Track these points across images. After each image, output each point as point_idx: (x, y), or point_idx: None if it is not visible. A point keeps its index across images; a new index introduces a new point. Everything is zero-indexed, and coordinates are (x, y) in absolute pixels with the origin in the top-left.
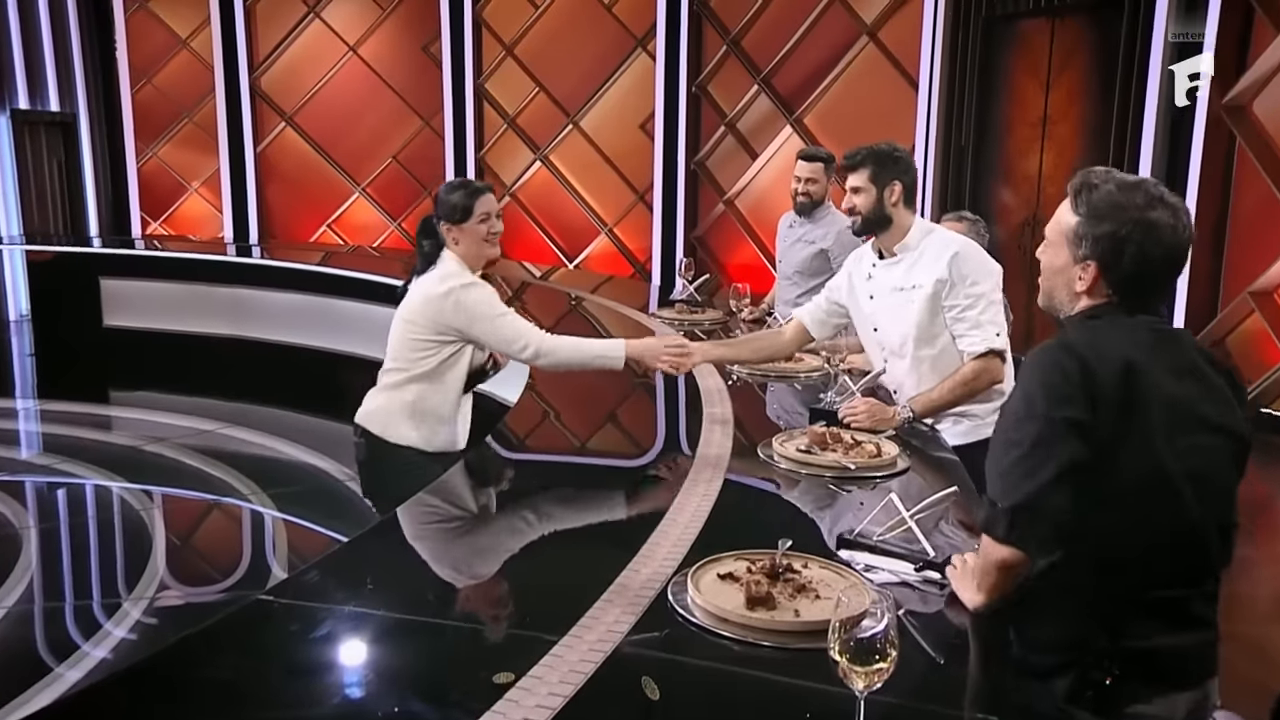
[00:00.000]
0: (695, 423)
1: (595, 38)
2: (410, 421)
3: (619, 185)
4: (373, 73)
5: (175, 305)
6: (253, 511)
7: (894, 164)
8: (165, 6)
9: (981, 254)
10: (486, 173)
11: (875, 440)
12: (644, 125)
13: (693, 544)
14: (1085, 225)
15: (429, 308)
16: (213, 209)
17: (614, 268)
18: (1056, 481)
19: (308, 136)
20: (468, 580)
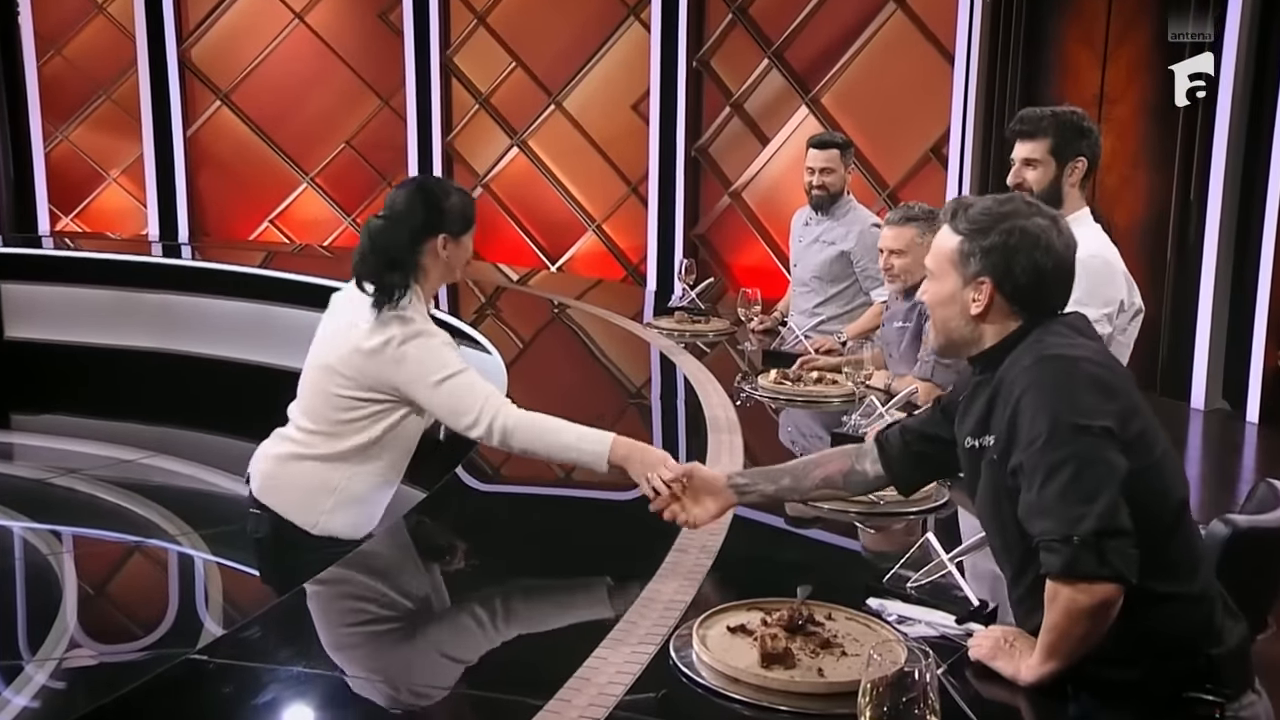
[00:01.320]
0: (698, 448)
1: (581, 5)
2: (336, 510)
3: (608, 175)
4: (323, 44)
5: (90, 314)
6: (181, 555)
7: (1082, 136)
8: None
9: (1109, 272)
10: (455, 160)
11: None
12: (637, 106)
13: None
14: (969, 242)
15: (357, 361)
16: (135, 202)
17: (603, 270)
18: (1119, 493)
19: (247, 118)
20: (436, 632)
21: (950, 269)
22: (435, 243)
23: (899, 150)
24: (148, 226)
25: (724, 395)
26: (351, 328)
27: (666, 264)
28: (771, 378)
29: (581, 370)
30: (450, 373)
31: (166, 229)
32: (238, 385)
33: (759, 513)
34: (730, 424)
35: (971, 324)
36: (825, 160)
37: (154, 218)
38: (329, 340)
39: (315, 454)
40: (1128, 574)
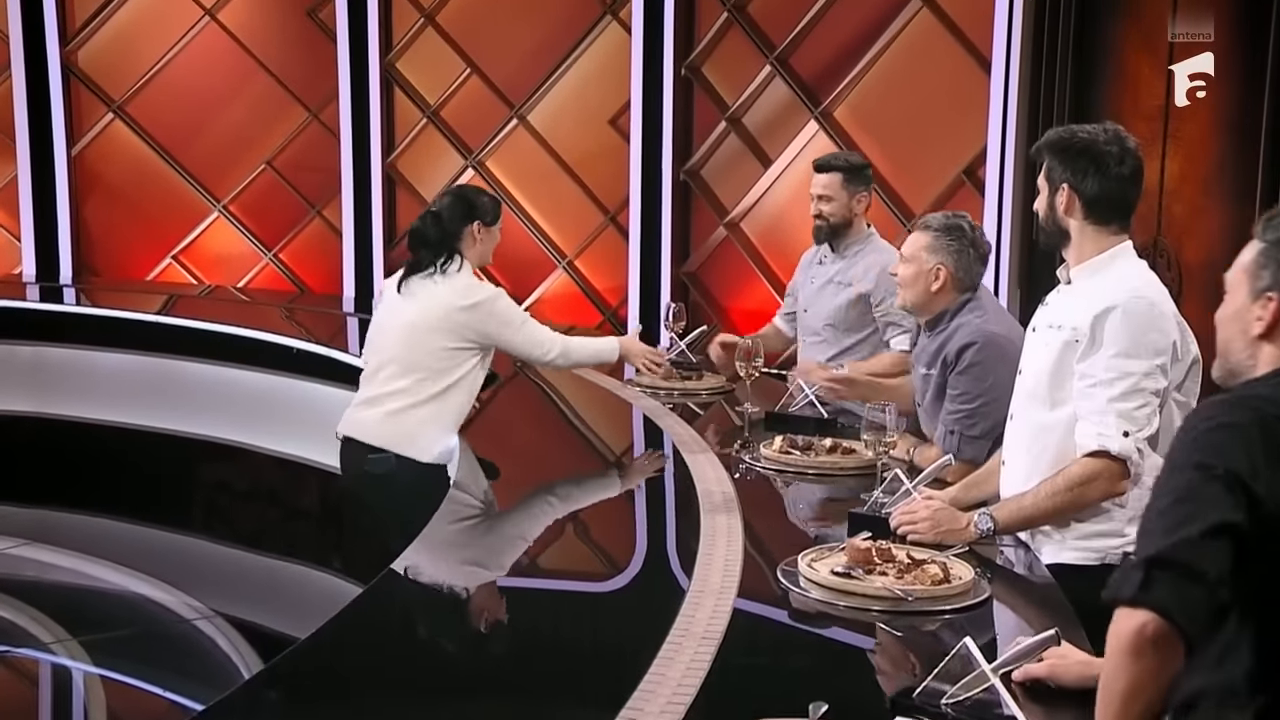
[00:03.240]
0: (688, 529)
1: (549, 1)
2: (449, 434)
3: (581, 202)
4: (238, 46)
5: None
6: (56, 666)
7: (1078, 157)
8: None
9: (1154, 314)
10: (398, 184)
11: (941, 559)
12: (616, 120)
13: (688, 708)
14: (1270, 251)
15: (459, 318)
16: (7, 234)
17: (575, 315)
18: (1211, 536)
19: (145, 133)
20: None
21: (1241, 283)
22: (478, 225)
23: (927, 172)
24: (22, 264)
25: (720, 467)
26: (435, 300)
27: (650, 307)
28: (777, 446)
29: (549, 433)
30: (525, 319)
31: (46, 267)
32: (130, 456)
33: (762, 606)
34: (727, 501)
35: (1251, 348)
36: (825, 186)
37: (29, 254)
38: (420, 315)
39: (424, 398)
40: (1174, 611)
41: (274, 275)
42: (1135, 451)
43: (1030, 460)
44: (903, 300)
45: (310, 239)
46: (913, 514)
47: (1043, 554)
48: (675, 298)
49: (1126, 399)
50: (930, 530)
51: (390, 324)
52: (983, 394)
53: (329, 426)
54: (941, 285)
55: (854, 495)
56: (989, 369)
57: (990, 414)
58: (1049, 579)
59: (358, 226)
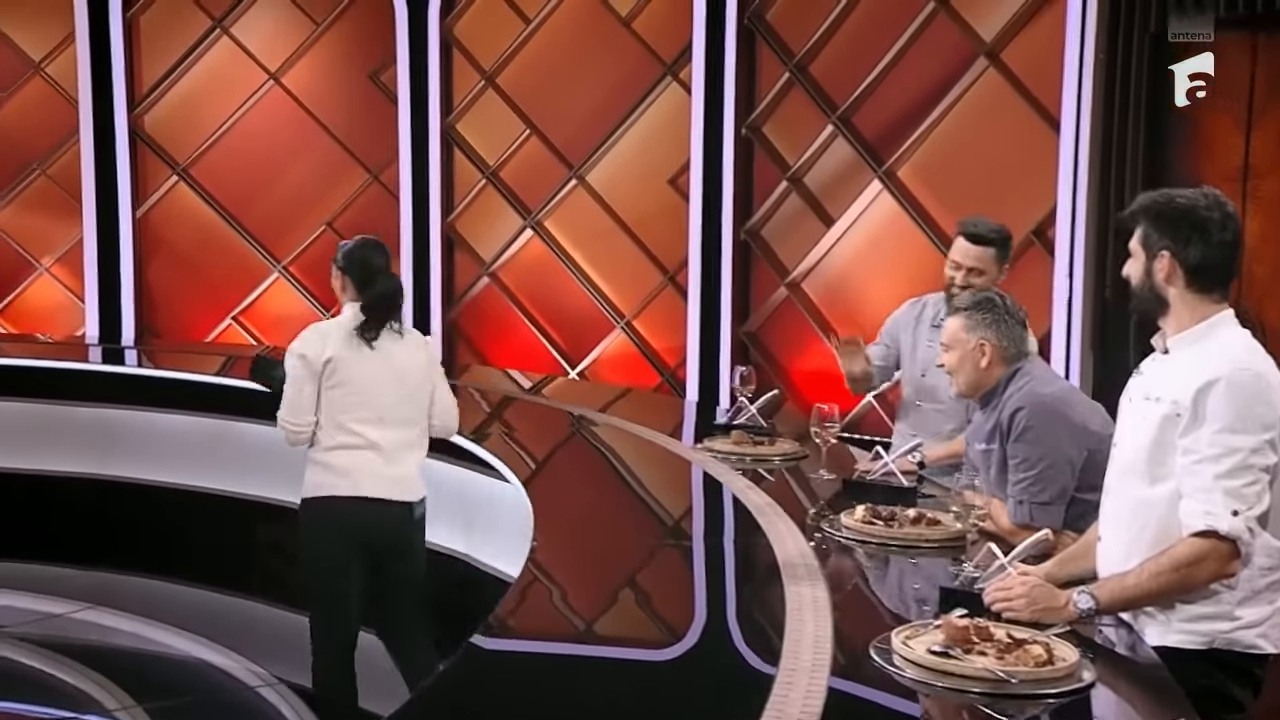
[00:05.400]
0: (771, 601)
1: (608, 62)
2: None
3: (640, 262)
4: (301, 109)
5: (14, 433)
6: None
7: (1178, 223)
8: (13, 17)
9: (1260, 386)
10: (457, 245)
11: (1043, 639)
12: (675, 180)
13: None
14: None
15: (432, 365)
16: (71, 296)
17: (633, 376)
18: None
19: (208, 196)
20: None
21: None
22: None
23: None
24: (85, 326)
25: (799, 536)
26: (419, 351)
27: (710, 368)
28: (859, 515)
29: (611, 500)
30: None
31: (108, 329)
32: (192, 519)
33: (857, 686)
34: (810, 572)
35: None
36: (976, 259)
37: (93, 315)
38: (420, 368)
39: (423, 441)
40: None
41: None
42: (1245, 531)
43: (1130, 537)
44: (957, 389)
45: None
46: (1008, 590)
47: (1146, 635)
48: (735, 358)
49: (1234, 476)
50: (1027, 608)
51: (382, 379)
52: (1043, 457)
53: None
54: (989, 360)
55: (941, 569)
56: (1043, 432)
57: (1055, 478)
58: (1155, 661)
59: (416, 287)
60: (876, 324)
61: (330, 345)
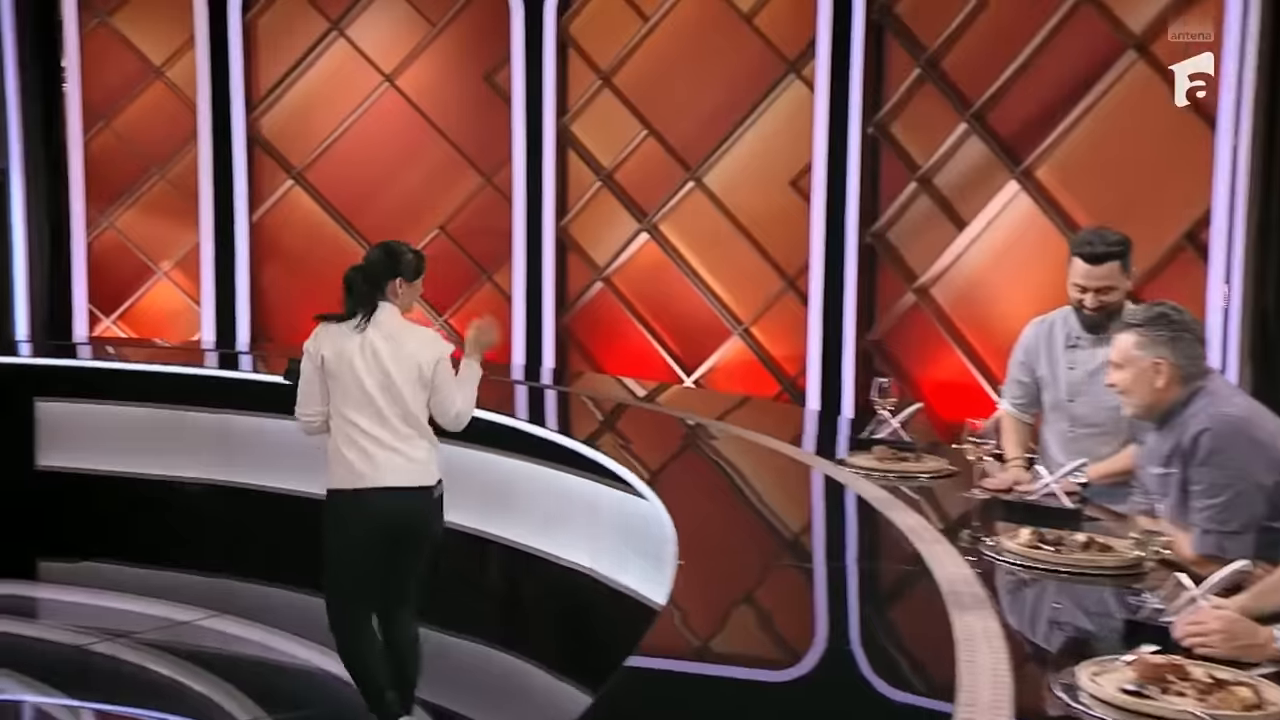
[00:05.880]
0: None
1: (728, 61)
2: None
3: (759, 267)
4: (415, 111)
5: (135, 438)
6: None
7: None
8: (135, 22)
9: None
10: (570, 248)
11: (1248, 679)
12: (797, 181)
13: None
14: None
15: (433, 367)
16: (188, 300)
17: (751, 384)
18: None
19: (323, 199)
20: None
21: None
22: (400, 282)
23: (1143, 237)
24: (201, 330)
25: (960, 561)
26: (414, 348)
27: (832, 377)
28: (1022, 538)
29: (749, 517)
30: None
31: (224, 333)
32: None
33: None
34: (976, 600)
35: None
36: (1102, 278)
37: (209, 320)
38: (410, 365)
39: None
40: None
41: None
42: None
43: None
44: (1130, 410)
45: (481, 304)
46: (1202, 625)
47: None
48: (859, 367)
49: None
50: (1224, 644)
51: (372, 374)
52: (1230, 483)
53: (510, 499)
54: (1166, 380)
55: (1118, 599)
56: (1231, 455)
57: (1245, 505)
58: None
59: (528, 292)
60: (1009, 332)
61: (327, 342)
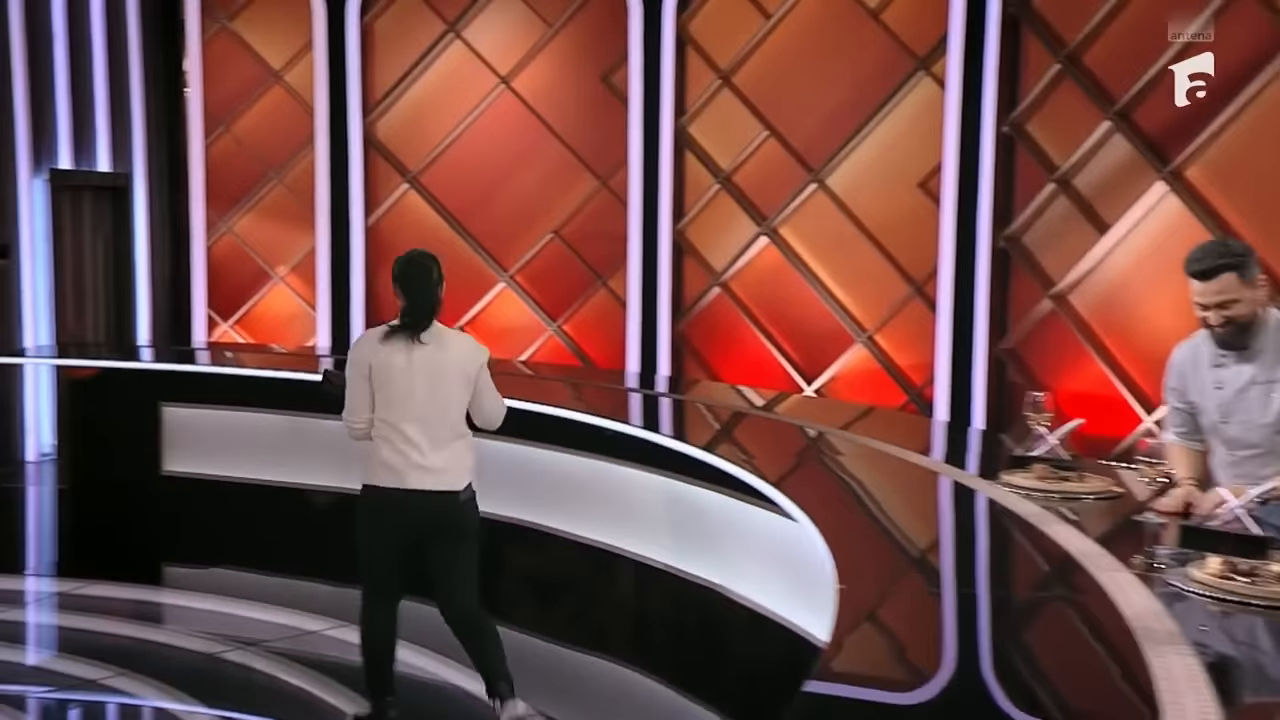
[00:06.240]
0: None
1: (854, 58)
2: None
3: (885, 272)
4: (531, 113)
5: (262, 444)
6: None
7: None
8: (254, 26)
9: None
10: (687, 252)
11: None
12: (926, 183)
13: None
14: None
15: (477, 371)
16: (304, 305)
17: (875, 393)
18: None
19: (437, 203)
20: None
21: None
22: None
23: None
24: (316, 335)
25: (1146, 593)
26: (460, 351)
27: (962, 387)
28: (1211, 568)
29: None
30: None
31: (339, 338)
32: None
33: None
34: (1171, 634)
35: None
36: (1218, 292)
37: (324, 325)
38: (458, 366)
39: (466, 433)
40: None
41: (557, 347)
42: None
43: None
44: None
45: (595, 310)
46: None
47: None
48: (991, 377)
49: None
50: None
51: (415, 381)
52: None
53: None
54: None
55: None
56: None
57: None
58: None
59: (644, 297)
60: (1155, 342)
61: (373, 350)
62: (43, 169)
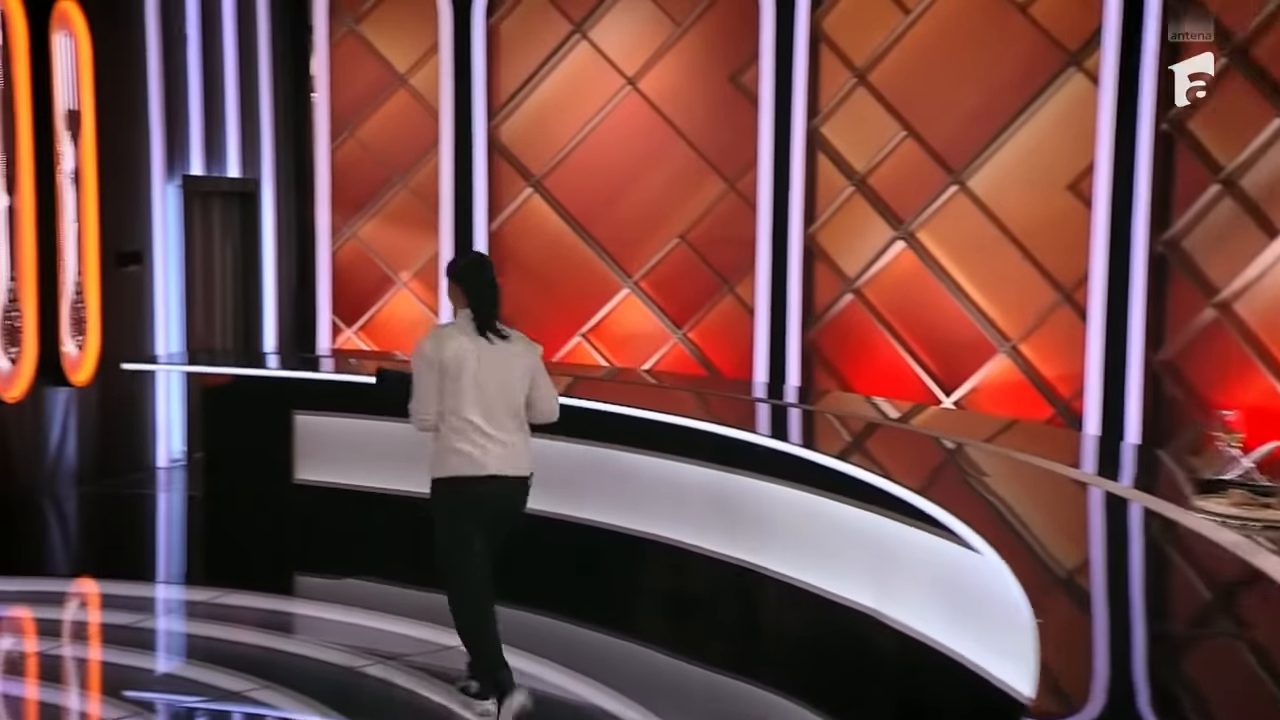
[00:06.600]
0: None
1: (999, 54)
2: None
3: (1031, 278)
4: (657, 115)
5: (394, 454)
6: None
7: None
8: (381, 30)
9: None
10: (817, 257)
11: None
12: (1076, 184)
13: None
14: None
15: (535, 363)
16: (426, 311)
17: (1018, 406)
18: None
19: (561, 208)
20: None
21: None
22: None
23: None
24: None
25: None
26: (524, 347)
27: (1115, 400)
28: None
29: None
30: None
31: None
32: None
33: None
34: None
35: None
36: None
37: None
38: (525, 361)
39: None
40: None
41: (681, 356)
42: None
43: None
44: None
45: (721, 317)
46: None
47: None
48: (1146, 389)
49: None
50: None
51: (489, 375)
52: None
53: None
54: None
55: None
56: None
57: None
58: None
59: (772, 303)
60: None
61: (447, 345)
62: (175, 175)
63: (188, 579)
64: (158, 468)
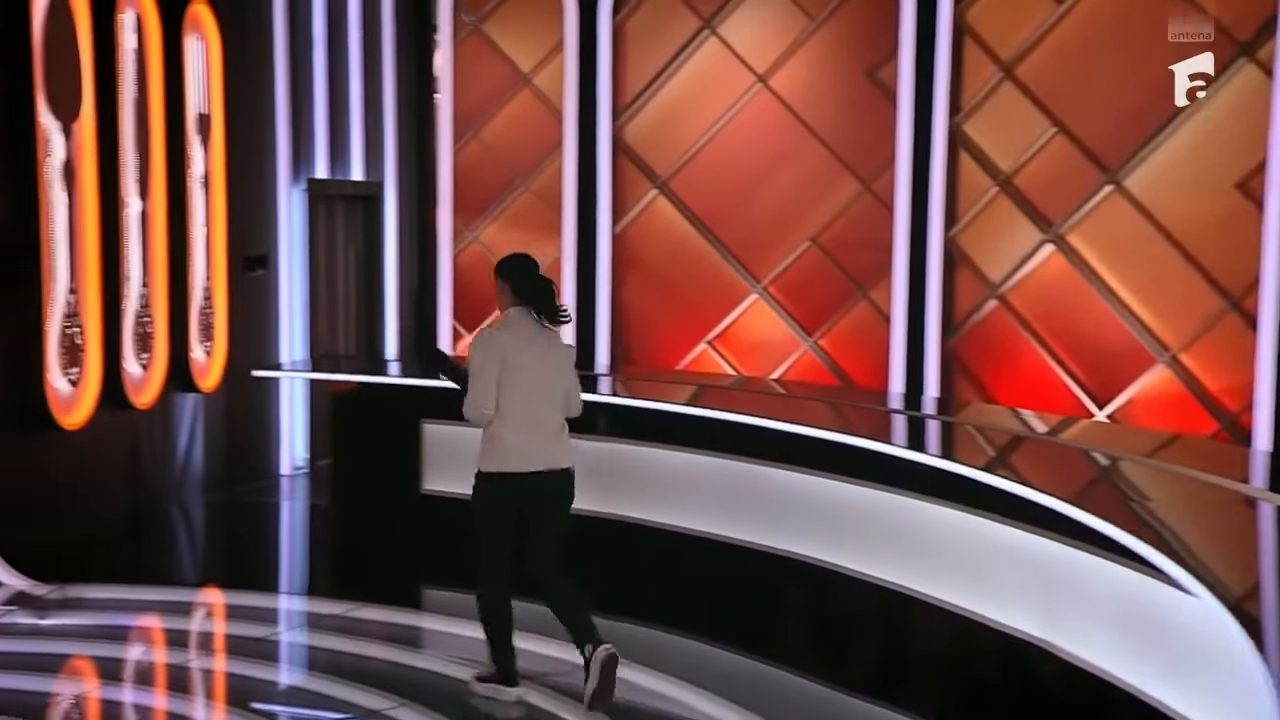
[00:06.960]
0: None
1: (1159, 45)
2: None
3: (1193, 283)
4: (789, 113)
5: None
6: None
7: None
8: (505, 29)
9: None
10: (959, 261)
11: None
12: (1245, 184)
13: None
14: None
15: (573, 360)
16: None
17: (1180, 420)
18: None
19: (687, 210)
20: None
21: None
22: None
23: None
24: None
25: None
26: (566, 346)
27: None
28: None
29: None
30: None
31: (583, 349)
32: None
33: None
34: None
35: None
36: None
37: (569, 337)
38: (567, 360)
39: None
40: None
41: (812, 364)
42: None
43: None
44: None
45: (855, 324)
46: None
47: None
48: None
49: None
50: None
51: (542, 371)
52: None
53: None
54: None
55: None
56: None
57: None
58: None
59: (910, 309)
60: None
61: (505, 342)
62: (300, 178)
63: (317, 590)
64: (281, 475)
